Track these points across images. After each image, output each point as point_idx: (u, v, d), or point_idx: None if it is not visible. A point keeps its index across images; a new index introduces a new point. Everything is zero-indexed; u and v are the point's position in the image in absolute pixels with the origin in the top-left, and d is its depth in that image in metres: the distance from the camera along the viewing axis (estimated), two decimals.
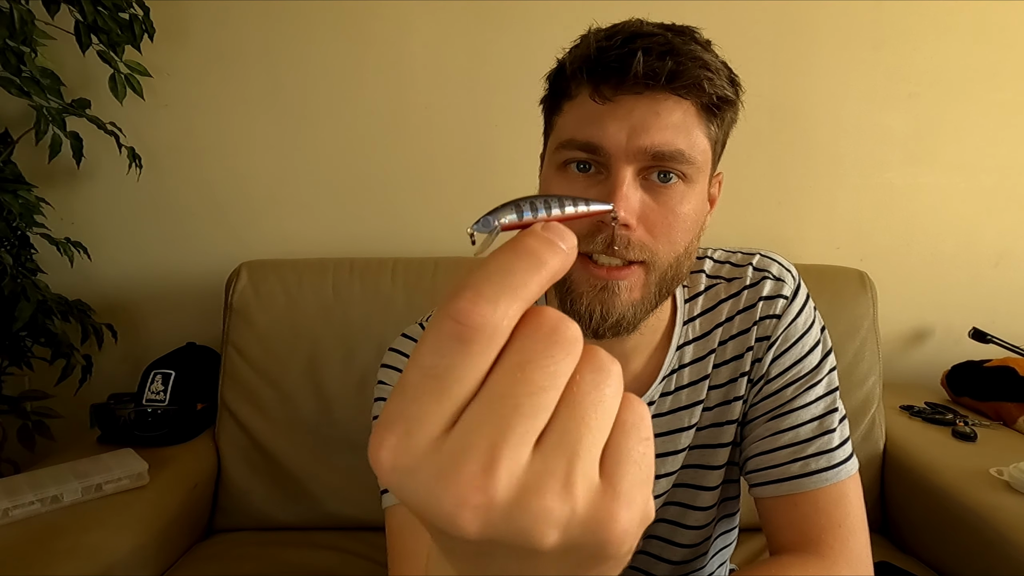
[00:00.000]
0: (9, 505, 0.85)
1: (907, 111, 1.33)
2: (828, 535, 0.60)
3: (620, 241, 0.52)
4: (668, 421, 0.66)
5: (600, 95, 0.52)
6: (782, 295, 0.65)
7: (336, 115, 1.31)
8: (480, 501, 0.19)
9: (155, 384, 1.11)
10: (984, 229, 1.38)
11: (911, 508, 1.06)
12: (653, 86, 0.51)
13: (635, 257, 0.53)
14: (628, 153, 0.51)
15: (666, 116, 0.51)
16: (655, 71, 0.50)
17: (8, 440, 1.23)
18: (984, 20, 1.29)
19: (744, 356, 0.65)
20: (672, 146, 0.51)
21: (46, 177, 1.24)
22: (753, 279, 0.66)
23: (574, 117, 0.54)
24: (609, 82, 0.51)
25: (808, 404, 0.63)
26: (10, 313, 1.05)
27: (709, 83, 0.51)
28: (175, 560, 0.99)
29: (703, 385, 0.66)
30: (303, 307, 1.14)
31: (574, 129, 0.54)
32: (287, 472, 1.11)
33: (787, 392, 0.64)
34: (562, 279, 0.52)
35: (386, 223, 1.35)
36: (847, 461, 0.62)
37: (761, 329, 0.65)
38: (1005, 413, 1.17)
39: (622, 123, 0.51)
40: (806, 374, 0.64)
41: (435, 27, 1.28)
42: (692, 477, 0.67)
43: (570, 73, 0.54)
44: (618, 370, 0.22)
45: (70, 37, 1.07)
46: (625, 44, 0.50)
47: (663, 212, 0.53)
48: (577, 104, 0.54)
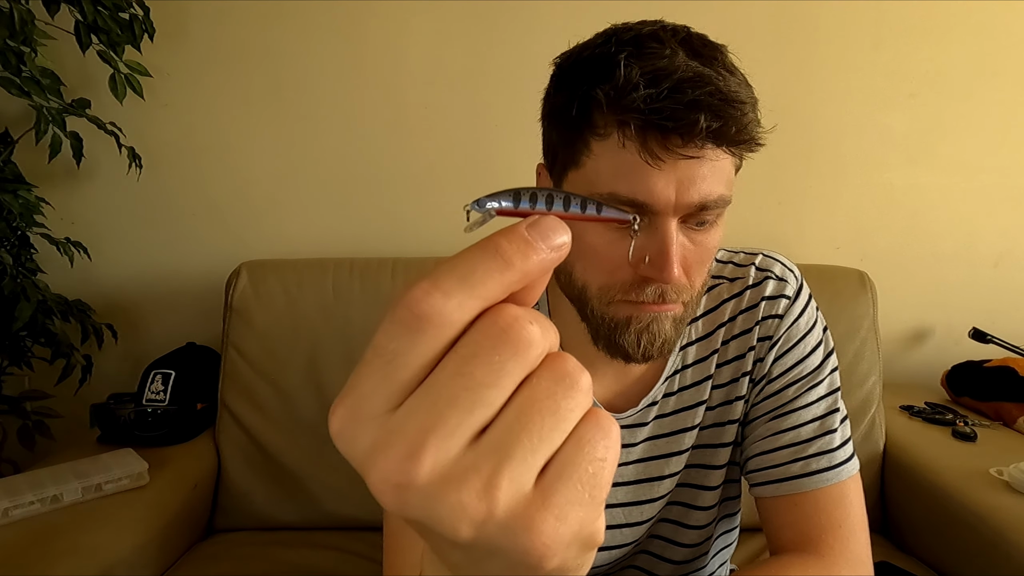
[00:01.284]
0: (9, 505, 0.85)
1: (907, 111, 1.33)
2: (828, 535, 0.60)
3: (670, 292, 0.53)
4: (672, 422, 0.66)
5: (650, 153, 0.47)
6: (784, 295, 0.65)
7: (336, 115, 1.31)
8: (399, 481, 0.20)
9: (155, 384, 1.11)
10: (984, 229, 1.38)
11: (911, 508, 1.06)
12: (709, 145, 0.48)
13: (679, 299, 0.54)
14: (675, 208, 0.50)
15: (709, 165, 0.49)
16: (716, 133, 0.47)
17: (8, 440, 1.23)
18: (984, 20, 1.29)
19: (746, 356, 0.65)
20: (716, 194, 0.50)
21: (46, 177, 1.24)
22: (756, 279, 0.66)
23: (611, 166, 0.49)
24: (660, 141, 0.47)
25: (809, 404, 0.63)
26: (10, 313, 1.05)
27: (754, 128, 0.50)
28: (175, 560, 0.99)
29: (706, 385, 0.66)
30: (303, 307, 1.14)
31: (614, 182, 0.49)
32: (287, 472, 1.11)
33: (788, 392, 0.64)
34: (599, 319, 0.54)
35: (386, 223, 1.35)
36: (848, 461, 0.62)
37: (763, 329, 0.65)
38: (1005, 413, 1.17)
39: (669, 179, 0.48)
40: (808, 374, 0.64)
41: (434, 27, 1.28)
42: (694, 477, 0.68)
43: (607, 113, 0.48)
44: (586, 382, 0.22)
45: (70, 37, 1.07)
46: (675, 95, 0.46)
47: (699, 252, 0.53)
48: (611, 148, 0.49)
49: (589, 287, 0.55)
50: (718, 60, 0.50)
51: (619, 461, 0.60)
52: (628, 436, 0.65)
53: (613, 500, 0.66)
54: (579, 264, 0.55)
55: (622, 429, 0.63)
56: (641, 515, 0.67)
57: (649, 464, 0.66)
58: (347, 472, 1.11)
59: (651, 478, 0.66)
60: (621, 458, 0.65)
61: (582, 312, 0.57)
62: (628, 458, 0.65)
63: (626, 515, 0.67)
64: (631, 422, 0.65)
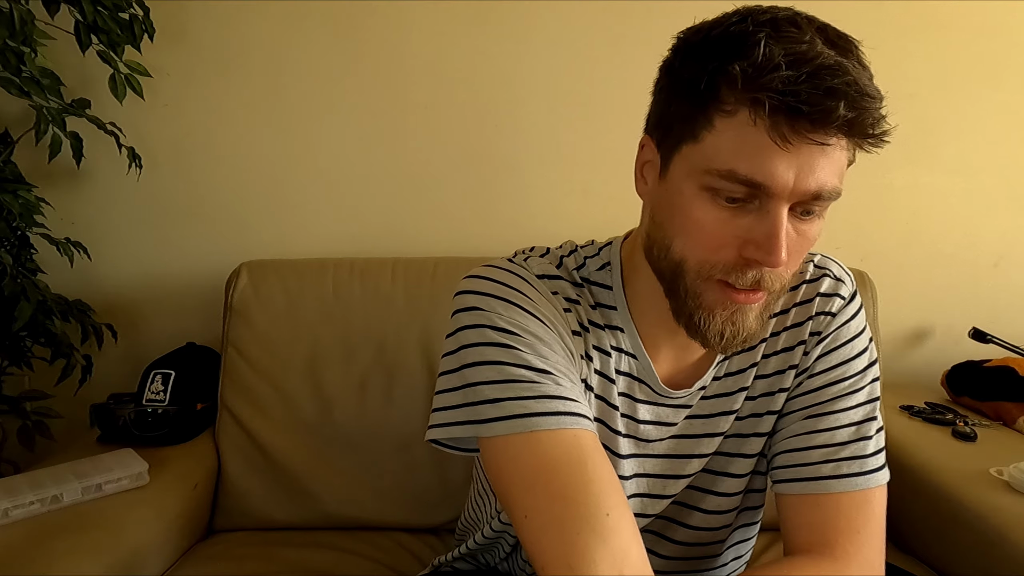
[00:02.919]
0: (9, 505, 0.85)
1: (907, 111, 1.32)
2: (844, 539, 0.59)
3: (768, 278, 0.52)
4: (713, 404, 0.67)
5: (780, 135, 0.47)
6: (840, 294, 0.66)
7: (336, 115, 1.31)
8: None
9: (155, 384, 1.11)
10: (984, 229, 1.38)
11: (911, 508, 1.06)
12: (840, 135, 0.48)
13: (772, 287, 0.54)
14: (791, 194, 0.49)
15: (830, 154, 0.49)
16: (851, 124, 0.47)
17: (8, 440, 1.23)
18: (984, 20, 1.29)
19: (795, 349, 0.66)
20: (831, 185, 0.50)
21: (46, 177, 1.24)
22: (813, 275, 0.66)
23: (734, 142, 0.49)
24: (791, 124, 0.47)
25: (848, 409, 0.63)
26: (10, 313, 1.05)
27: (882, 124, 0.50)
28: (175, 560, 0.99)
29: (750, 372, 0.66)
30: (303, 307, 1.14)
31: (735, 160, 0.49)
32: (287, 472, 1.11)
33: (828, 391, 0.64)
34: (690, 295, 0.54)
35: (386, 223, 1.35)
36: (879, 471, 0.62)
37: (815, 324, 0.65)
38: (1005, 413, 1.17)
39: (791, 163, 0.48)
40: (850, 377, 0.64)
41: (435, 27, 1.28)
42: (722, 464, 0.68)
43: (742, 89, 0.48)
44: None
45: (70, 37, 1.07)
46: (813, 81, 0.46)
47: (800, 242, 0.53)
48: (737, 125, 0.48)
49: (688, 261, 0.54)
50: (853, 53, 0.50)
51: (658, 436, 0.66)
52: (671, 415, 0.66)
53: (643, 470, 0.67)
54: (680, 239, 0.54)
55: (668, 408, 0.66)
56: (664, 489, 0.68)
57: (683, 441, 0.67)
58: (347, 472, 1.11)
59: (683, 455, 0.67)
60: (660, 433, 0.66)
61: (672, 287, 0.56)
62: (665, 434, 0.66)
63: (651, 486, 0.68)
64: (680, 403, 0.66)
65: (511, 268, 0.62)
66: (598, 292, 0.65)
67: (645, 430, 0.66)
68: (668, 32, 0.56)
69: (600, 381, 0.63)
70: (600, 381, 0.63)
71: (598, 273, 0.66)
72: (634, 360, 0.64)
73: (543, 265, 0.64)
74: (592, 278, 0.65)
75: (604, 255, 0.66)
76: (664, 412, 0.66)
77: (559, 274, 0.64)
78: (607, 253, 0.67)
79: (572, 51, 1.28)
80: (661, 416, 0.66)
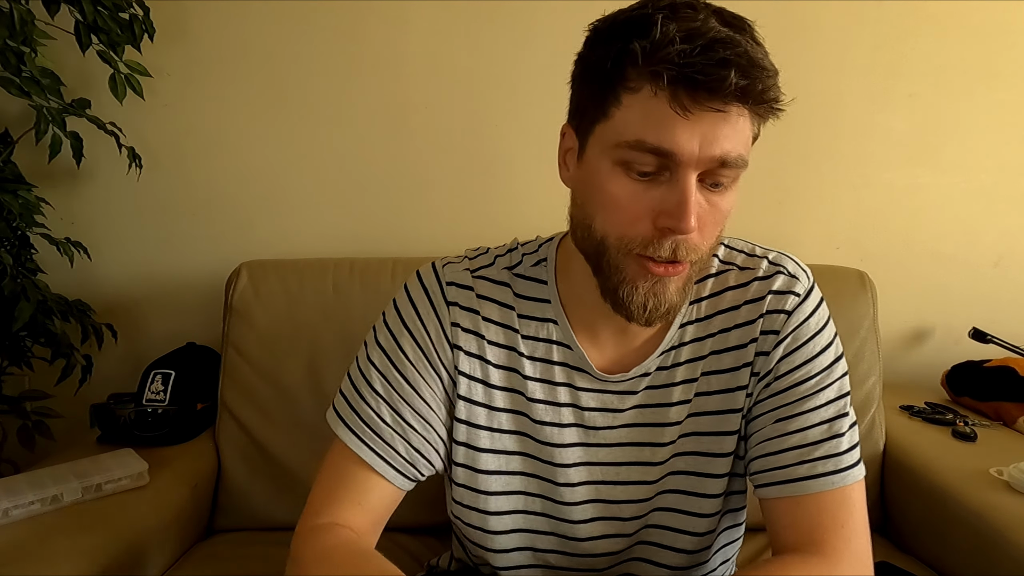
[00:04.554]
0: (9, 505, 0.85)
1: (907, 111, 1.33)
2: (831, 535, 0.60)
3: (682, 247, 0.55)
4: (661, 394, 0.68)
5: (680, 105, 0.50)
6: (794, 292, 0.66)
7: (336, 115, 1.31)
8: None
9: (155, 384, 1.11)
10: (984, 229, 1.38)
11: (911, 508, 1.06)
12: (734, 102, 0.51)
13: (688, 258, 0.56)
14: (698, 161, 0.52)
15: (733, 124, 0.52)
16: (743, 91, 0.50)
17: (8, 440, 1.23)
18: (984, 20, 1.29)
19: (747, 346, 0.66)
20: (736, 152, 0.53)
21: (46, 177, 1.24)
22: (767, 272, 0.67)
23: (640, 115, 0.52)
24: (690, 93, 0.50)
25: (818, 407, 0.63)
26: (10, 313, 1.05)
27: (775, 93, 0.53)
28: (175, 560, 0.99)
29: (697, 365, 0.67)
30: (303, 307, 1.14)
31: (643, 130, 0.52)
32: (287, 472, 1.11)
33: (797, 391, 0.64)
34: (613, 270, 0.58)
35: (386, 223, 1.35)
36: (854, 467, 0.62)
37: (768, 322, 0.65)
38: (1005, 413, 1.17)
39: (694, 131, 0.51)
40: (816, 375, 0.64)
41: (434, 27, 1.28)
42: (698, 465, 0.68)
43: (642, 65, 0.51)
44: None
45: (70, 37, 1.07)
46: (708, 52, 0.49)
47: (712, 213, 0.56)
48: (642, 101, 0.52)
49: (608, 238, 0.57)
50: (746, 31, 0.53)
51: (606, 424, 0.68)
52: (616, 401, 0.68)
53: (607, 459, 0.69)
54: (600, 216, 0.57)
55: (610, 394, 0.68)
56: (643, 475, 0.69)
57: (641, 430, 0.68)
58: None
59: (642, 443, 0.68)
60: (607, 421, 0.68)
61: (597, 265, 0.59)
62: (614, 422, 0.68)
63: (604, 473, 0.69)
64: (620, 389, 0.68)
65: (421, 278, 0.69)
66: (531, 287, 0.69)
67: (591, 417, 0.68)
68: None
69: (543, 367, 0.68)
70: (543, 367, 0.68)
71: (533, 269, 0.69)
72: (568, 350, 0.67)
73: (456, 272, 0.69)
74: (527, 274, 0.69)
75: (542, 251, 0.70)
76: (609, 399, 0.68)
77: (485, 275, 0.69)
78: (545, 249, 0.70)
79: (572, 52, 1.28)
80: (607, 403, 0.68)
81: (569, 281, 0.67)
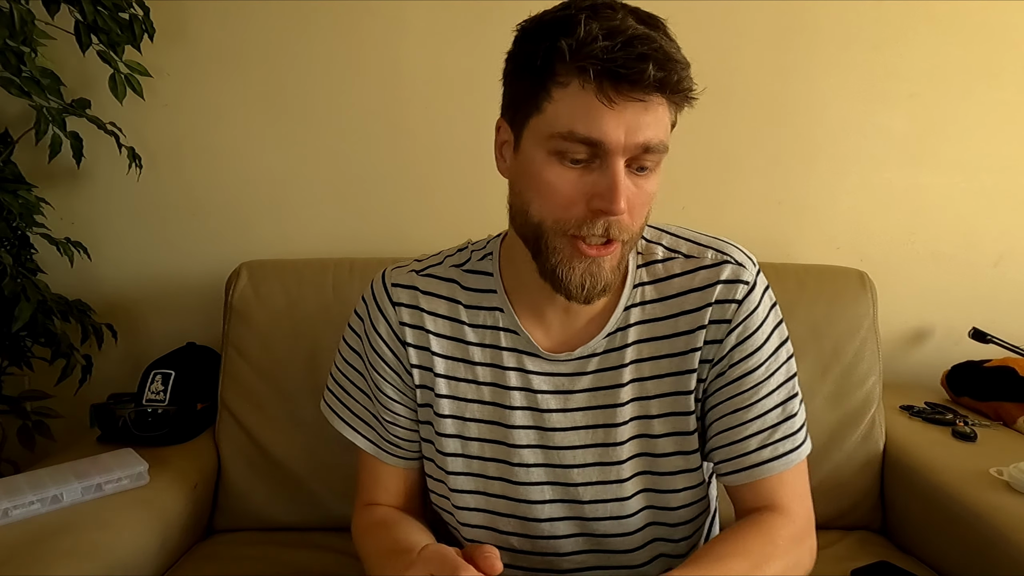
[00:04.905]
0: (9, 505, 0.85)
1: (907, 111, 1.33)
2: (793, 503, 0.69)
3: (614, 227, 0.59)
4: (610, 376, 0.71)
5: (606, 96, 0.55)
6: (743, 280, 0.69)
7: (336, 115, 1.31)
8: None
9: (155, 384, 1.11)
10: (984, 229, 1.38)
11: (911, 508, 1.06)
12: (654, 92, 0.56)
13: (619, 238, 0.60)
14: (625, 148, 0.57)
15: (653, 113, 0.57)
16: (660, 82, 0.55)
17: (8, 440, 1.23)
18: (984, 20, 1.29)
19: (695, 333, 0.69)
20: (658, 139, 0.58)
21: (46, 177, 1.24)
22: (713, 260, 0.70)
23: (570, 107, 0.57)
24: (614, 85, 0.55)
25: (772, 391, 0.69)
26: (10, 313, 1.05)
27: (689, 84, 0.58)
28: (175, 560, 0.99)
29: (646, 347, 0.71)
30: (303, 307, 1.14)
31: (572, 121, 0.56)
32: (287, 472, 1.11)
33: (751, 378, 0.69)
34: (551, 252, 0.62)
35: (386, 223, 1.35)
36: (806, 441, 0.71)
37: (718, 311, 0.69)
38: (1005, 413, 1.17)
39: (619, 121, 0.56)
40: (767, 360, 0.69)
41: (434, 27, 1.28)
42: (657, 446, 0.72)
43: (570, 62, 0.55)
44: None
45: (70, 37, 1.07)
46: (628, 48, 0.54)
47: (639, 196, 0.60)
48: (571, 94, 0.56)
49: (545, 221, 0.61)
50: (660, 28, 0.58)
51: (559, 406, 0.72)
52: (567, 383, 0.72)
53: (562, 443, 0.72)
54: (536, 202, 0.61)
55: (561, 377, 0.71)
56: (600, 457, 0.72)
57: (595, 412, 0.72)
58: (347, 472, 1.11)
59: (596, 425, 0.71)
60: (559, 404, 0.72)
61: (536, 248, 0.63)
62: (566, 405, 0.72)
63: (575, 457, 0.72)
64: (569, 369, 0.71)
65: (372, 285, 0.77)
66: (478, 279, 0.74)
67: (544, 399, 0.72)
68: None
69: (492, 353, 0.73)
70: (492, 353, 0.73)
71: (480, 263, 0.75)
72: (515, 335, 0.72)
73: (400, 275, 0.76)
74: (475, 268, 0.75)
75: (489, 246, 0.76)
76: (560, 381, 0.72)
77: (433, 272, 0.75)
78: (492, 244, 0.76)
79: None
80: (558, 385, 0.72)
81: (513, 269, 0.71)
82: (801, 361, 1.13)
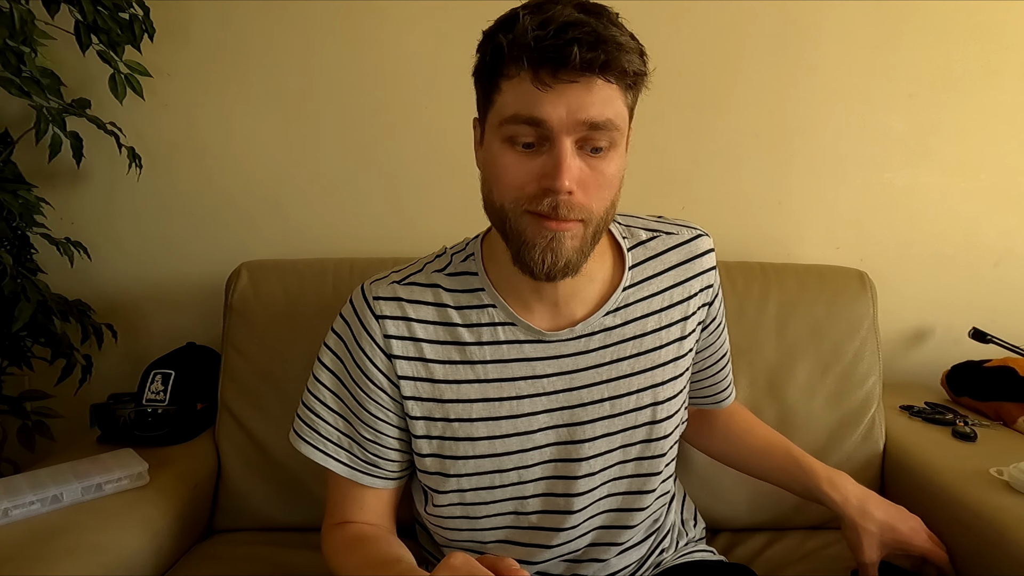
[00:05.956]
0: (9, 505, 0.85)
1: (907, 111, 1.33)
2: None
3: (563, 205, 0.62)
4: (613, 351, 0.76)
5: (540, 81, 0.59)
6: (712, 249, 0.81)
7: (336, 115, 1.31)
8: None
9: (155, 384, 1.11)
10: (984, 229, 1.38)
11: (911, 508, 1.05)
12: (586, 73, 0.58)
13: (575, 217, 0.63)
14: (568, 126, 0.60)
15: (596, 93, 0.59)
16: (589, 62, 0.57)
17: (8, 440, 1.23)
18: (984, 20, 1.29)
19: (688, 301, 0.79)
20: (603, 116, 0.60)
21: (46, 177, 1.24)
22: (689, 236, 0.80)
23: (514, 96, 0.61)
24: (548, 70, 0.58)
25: (726, 341, 0.89)
26: (10, 313, 1.05)
27: (628, 64, 0.60)
28: (175, 560, 0.99)
29: (646, 321, 0.77)
30: (303, 307, 1.14)
31: (516, 106, 0.61)
32: (287, 472, 1.11)
33: (719, 329, 0.86)
34: (515, 233, 0.65)
35: (386, 223, 1.35)
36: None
37: (705, 279, 0.80)
38: (1005, 413, 1.17)
39: (559, 102, 0.59)
40: (723, 317, 0.86)
41: (435, 27, 1.28)
42: (655, 414, 0.78)
43: (508, 56, 0.60)
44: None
45: (70, 37, 1.07)
46: (559, 35, 0.57)
47: (596, 177, 0.63)
48: (515, 84, 0.61)
49: (505, 202, 0.64)
50: (603, 15, 0.60)
51: (564, 387, 0.75)
52: (571, 364, 0.75)
53: (570, 420, 0.76)
54: (496, 186, 0.65)
55: (565, 358, 0.74)
56: (608, 428, 0.76)
57: (602, 387, 0.76)
58: None
59: (608, 398, 0.76)
60: (565, 384, 0.75)
61: (504, 233, 0.67)
62: (572, 384, 0.75)
63: (601, 428, 0.77)
64: (574, 350, 0.75)
65: (352, 300, 0.77)
66: (463, 280, 0.76)
67: (551, 382, 0.75)
68: (669, 33, 0.58)
69: (492, 350, 0.74)
70: (492, 350, 0.74)
71: (463, 264, 0.77)
72: (513, 326, 0.74)
73: (381, 287, 0.76)
74: (458, 270, 0.76)
75: (469, 248, 0.78)
76: (565, 363, 0.75)
77: (415, 280, 0.76)
78: (472, 246, 0.78)
79: None
80: (563, 367, 0.75)
81: (496, 265, 0.74)
82: (801, 361, 1.14)
